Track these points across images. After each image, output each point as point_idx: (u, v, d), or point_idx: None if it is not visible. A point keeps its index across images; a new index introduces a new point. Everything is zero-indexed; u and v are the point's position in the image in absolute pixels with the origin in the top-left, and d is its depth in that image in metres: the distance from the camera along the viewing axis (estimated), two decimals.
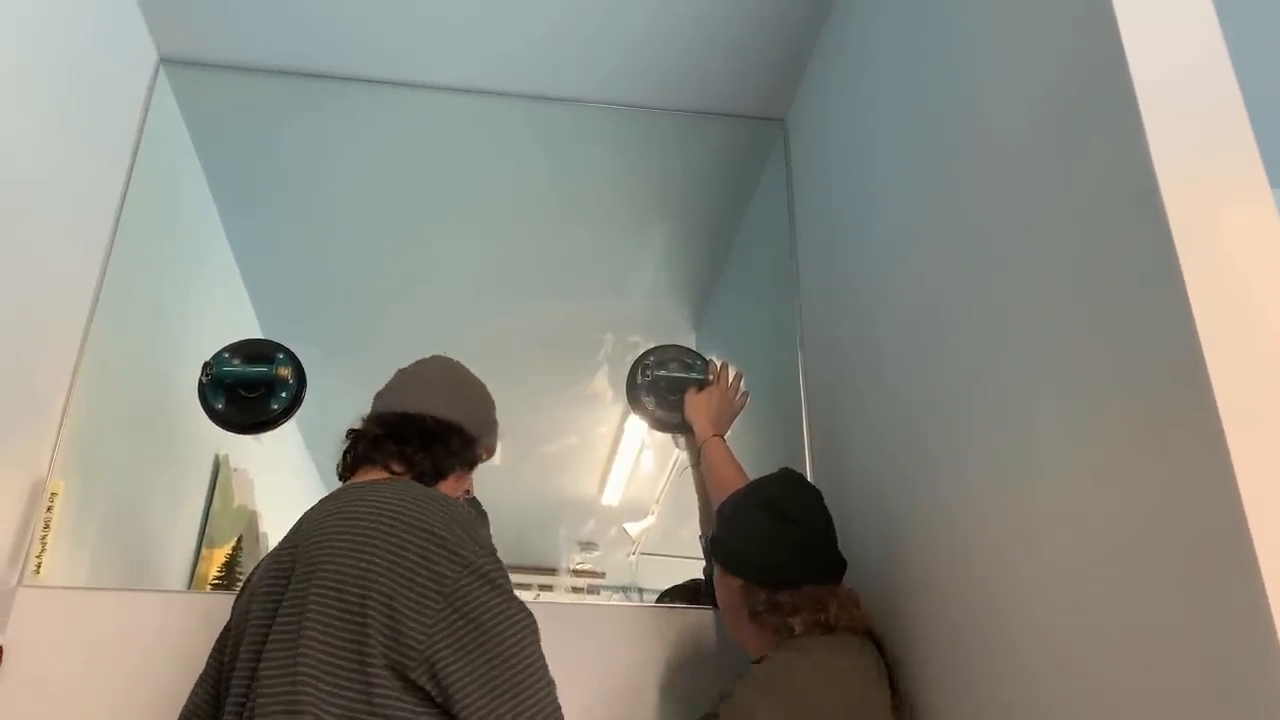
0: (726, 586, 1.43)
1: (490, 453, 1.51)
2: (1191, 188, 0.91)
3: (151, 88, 2.07)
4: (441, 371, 1.49)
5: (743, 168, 2.32)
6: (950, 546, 1.31)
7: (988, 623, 1.20)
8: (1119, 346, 0.96)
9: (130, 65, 2.01)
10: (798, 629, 1.33)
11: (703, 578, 1.80)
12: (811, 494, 1.47)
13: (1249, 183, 0.93)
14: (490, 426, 1.50)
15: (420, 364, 1.51)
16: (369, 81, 2.21)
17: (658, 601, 1.90)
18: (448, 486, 1.37)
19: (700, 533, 1.81)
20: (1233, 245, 0.90)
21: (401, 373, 1.48)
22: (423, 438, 1.35)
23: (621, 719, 1.63)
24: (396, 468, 1.32)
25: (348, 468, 1.37)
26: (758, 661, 1.34)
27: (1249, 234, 0.91)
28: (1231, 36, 1.00)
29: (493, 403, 1.52)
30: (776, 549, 1.39)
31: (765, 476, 1.53)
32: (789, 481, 1.50)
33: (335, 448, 1.43)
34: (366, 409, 1.52)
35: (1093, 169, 1.02)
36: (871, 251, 1.69)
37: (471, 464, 1.43)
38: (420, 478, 1.33)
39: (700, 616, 1.72)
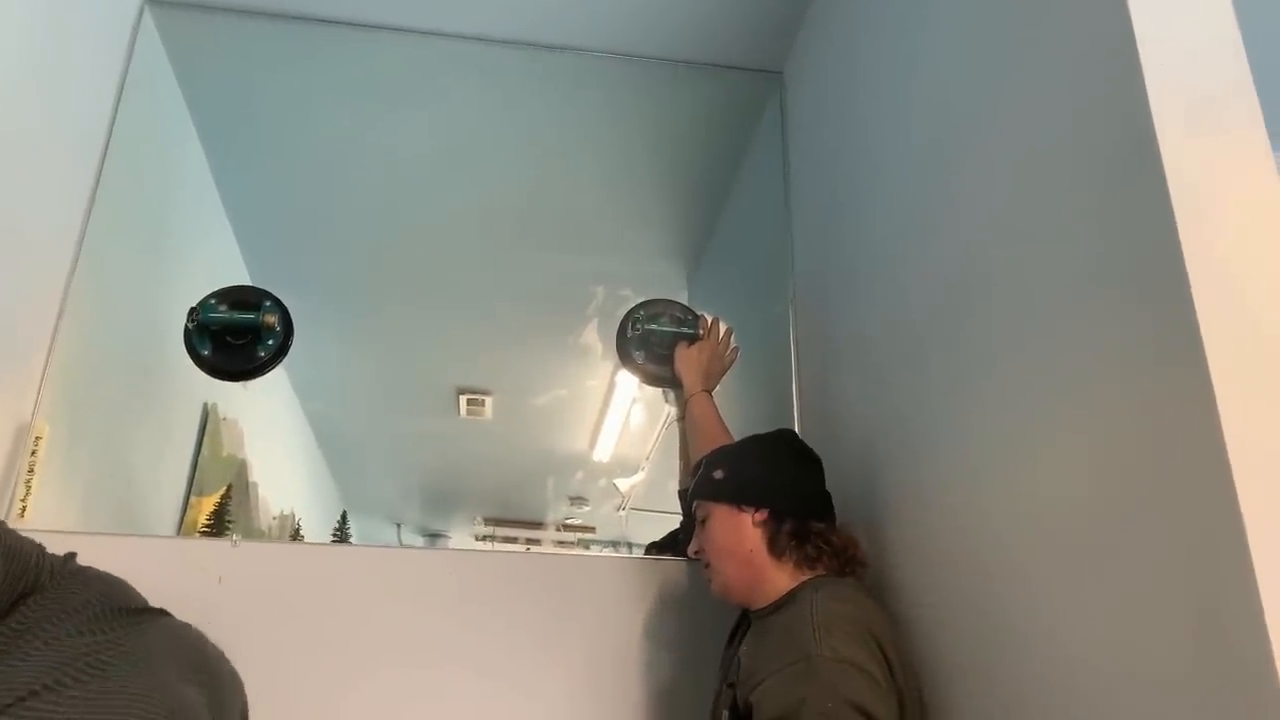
0: (738, 525, 1.39)
1: None
2: (1192, 151, 0.90)
3: (136, 29, 2.02)
4: None
5: (738, 120, 2.29)
6: (941, 509, 1.31)
7: (976, 584, 1.20)
8: (1116, 308, 0.95)
9: (113, 6, 1.96)
10: (824, 563, 1.35)
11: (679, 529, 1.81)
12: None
13: (1249, 145, 0.92)
14: None
15: None
16: (361, 26, 2.17)
17: (646, 554, 1.92)
18: None
19: (680, 487, 1.81)
20: (1233, 212, 0.89)
21: None
22: None
23: (612, 667, 1.65)
24: None
25: None
26: (778, 606, 1.33)
27: (1249, 203, 0.90)
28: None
29: None
30: (804, 482, 1.43)
31: (771, 432, 1.54)
32: (790, 431, 1.54)
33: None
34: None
35: (1093, 128, 1.01)
36: (867, 208, 1.68)
37: None
38: None
39: (690, 566, 1.73)
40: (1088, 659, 0.96)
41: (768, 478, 1.42)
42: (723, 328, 1.90)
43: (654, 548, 1.92)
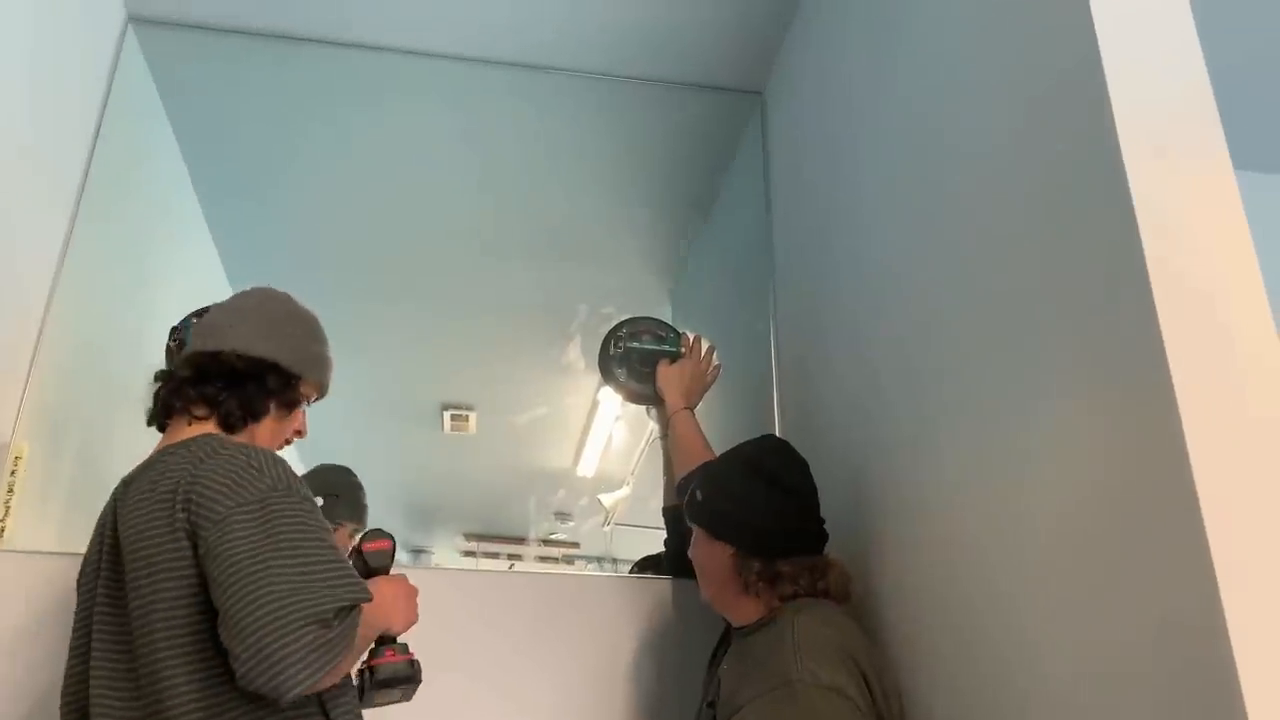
0: (713, 553, 1.40)
1: (320, 391, 1.39)
2: (1158, 175, 0.92)
3: (119, 47, 2.03)
4: (258, 304, 1.36)
5: (720, 140, 2.31)
6: (921, 526, 1.33)
7: (955, 602, 1.22)
8: (1088, 329, 0.97)
9: (98, 24, 1.97)
10: (795, 595, 1.33)
11: (663, 549, 1.81)
12: (801, 462, 1.44)
13: (1212, 166, 0.94)
14: (316, 363, 1.37)
15: (237, 297, 1.38)
16: (345, 45, 2.18)
17: (631, 572, 1.92)
18: (265, 429, 1.30)
19: (664, 505, 1.81)
20: (1196, 228, 0.91)
21: (215, 307, 1.37)
22: (229, 378, 1.26)
23: (595, 687, 1.65)
24: (200, 412, 1.24)
25: (157, 414, 1.29)
26: (759, 625, 1.33)
27: (1210, 218, 0.92)
28: (1201, 20, 1.01)
29: (321, 337, 1.40)
30: (773, 518, 1.37)
31: (750, 442, 1.50)
32: (780, 449, 1.47)
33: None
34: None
35: (1061, 147, 1.03)
36: (847, 226, 1.69)
37: (292, 404, 1.33)
38: (227, 420, 1.25)
39: (674, 585, 1.73)
40: (1066, 676, 0.97)
41: (738, 513, 1.38)
42: (705, 345, 1.91)
43: (639, 567, 1.92)
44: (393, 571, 1.29)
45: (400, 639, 1.22)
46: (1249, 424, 0.83)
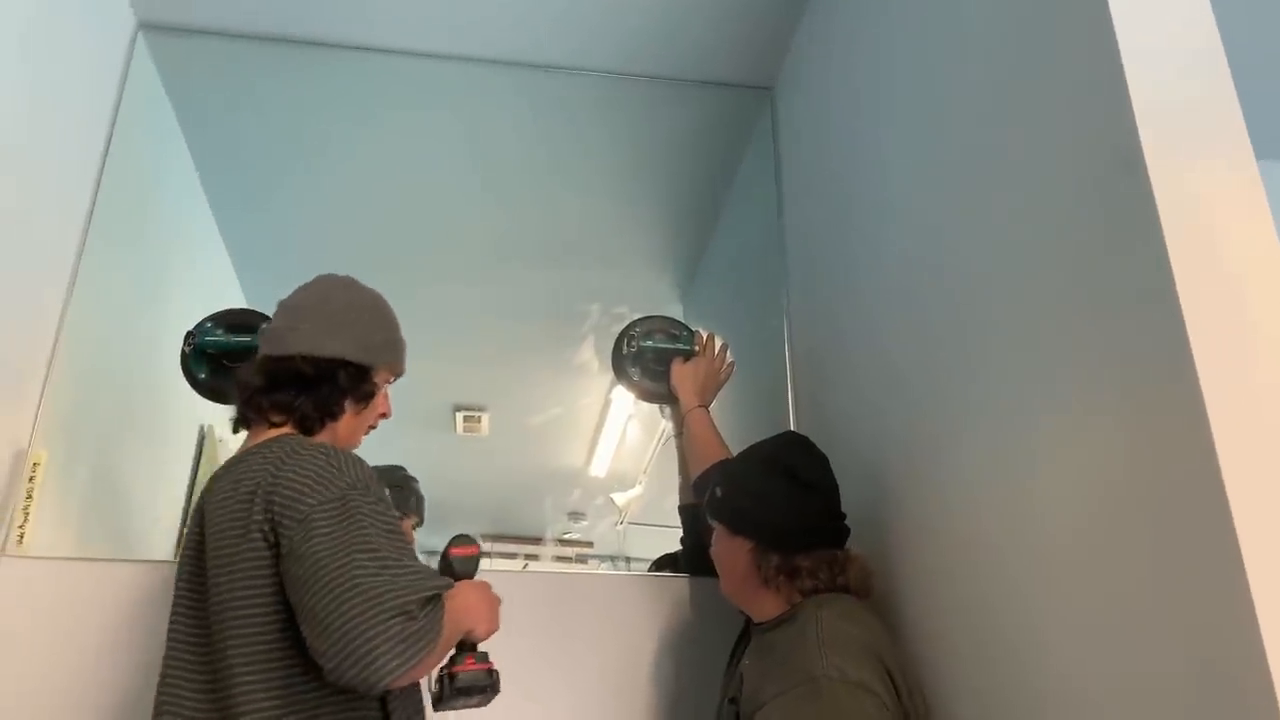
0: (732, 548, 1.39)
1: (396, 373, 1.39)
2: (1176, 161, 0.92)
3: (130, 55, 2.03)
4: (319, 299, 1.34)
5: (731, 136, 2.30)
6: (938, 524, 1.32)
7: (975, 600, 1.21)
8: (1109, 325, 0.96)
9: (108, 32, 1.97)
10: (815, 590, 1.32)
11: (680, 547, 1.81)
12: (821, 457, 1.44)
13: (1234, 156, 0.93)
14: (387, 348, 1.37)
15: (298, 293, 1.37)
16: (355, 48, 2.18)
17: (649, 571, 1.92)
18: (345, 425, 1.31)
19: (680, 503, 1.81)
20: (1217, 219, 0.90)
21: (280, 308, 1.36)
22: (298, 382, 1.26)
23: (613, 686, 1.65)
24: (276, 419, 1.25)
25: (238, 423, 1.31)
26: (781, 621, 1.33)
27: (1233, 209, 0.91)
28: (1219, 8, 1.00)
29: (387, 321, 1.39)
30: (793, 513, 1.36)
31: (769, 438, 1.50)
32: (800, 445, 1.47)
33: None
34: None
35: (1082, 147, 1.02)
36: (859, 221, 1.69)
37: (368, 395, 1.33)
38: (304, 423, 1.26)
39: (691, 583, 1.73)
40: (1082, 677, 0.96)
41: (757, 509, 1.38)
42: (718, 343, 1.91)
43: (657, 565, 1.92)
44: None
45: (480, 648, 1.22)
46: (1277, 419, 0.82)
